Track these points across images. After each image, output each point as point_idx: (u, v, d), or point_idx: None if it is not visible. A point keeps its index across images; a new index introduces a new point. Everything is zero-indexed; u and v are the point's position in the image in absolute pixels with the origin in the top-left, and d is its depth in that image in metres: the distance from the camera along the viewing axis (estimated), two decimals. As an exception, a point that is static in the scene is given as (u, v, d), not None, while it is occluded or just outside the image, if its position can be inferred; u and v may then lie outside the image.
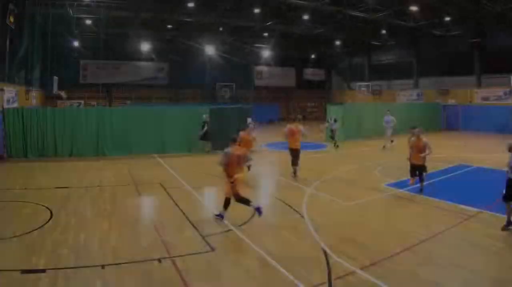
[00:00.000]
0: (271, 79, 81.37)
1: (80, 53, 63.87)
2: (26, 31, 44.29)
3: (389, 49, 70.03)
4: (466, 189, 21.56)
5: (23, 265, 11.51)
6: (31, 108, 33.00)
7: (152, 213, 17.43)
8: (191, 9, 49.39)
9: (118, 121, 33.10)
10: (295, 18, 53.96)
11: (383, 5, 47.66)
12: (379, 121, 44.35)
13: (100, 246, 13.19)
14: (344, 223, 15.48)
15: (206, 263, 11.95)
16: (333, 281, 10.70)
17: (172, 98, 72.42)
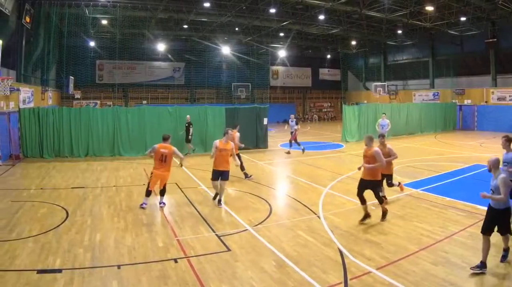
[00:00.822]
0: (287, 79, 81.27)
1: (96, 53, 64.06)
2: (42, 31, 44.44)
3: (405, 49, 69.84)
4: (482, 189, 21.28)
5: (40, 265, 11.56)
6: (47, 109, 32.94)
7: (168, 213, 17.23)
8: (207, 9, 49.38)
9: (134, 121, 33.17)
10: (311, 18, 53.74)
11: (399, 5, 47.36)
12: (395, 121, 44.50)
13: (116, 246, 13.21)
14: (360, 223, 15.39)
15: (222, 263, 11.90)
16: (349, 281, 10.68)
17: (188, 98, 72.72)
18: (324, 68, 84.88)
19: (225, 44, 67.32)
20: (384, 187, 17.41)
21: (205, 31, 62.58)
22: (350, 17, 55.47)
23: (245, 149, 32.20)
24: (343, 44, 74.78)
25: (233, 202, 19.21)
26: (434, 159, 30.86)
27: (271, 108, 39.50)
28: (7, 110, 30.28)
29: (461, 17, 49.85)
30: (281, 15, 52.58)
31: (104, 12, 49.59)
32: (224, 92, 73.91)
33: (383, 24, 58.76)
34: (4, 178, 24.25)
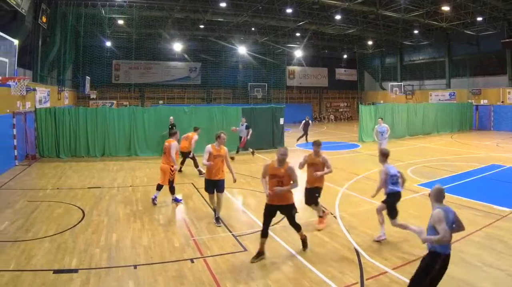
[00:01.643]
0: (303, 79, 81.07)
1: (112, 53, 64.32)
2: (58, 31, 44.54)
3: (422, 49, 69.63)
4: (498, 189, 21.24)
5: (56, 265, 11.62)
6: (63, 108, 33.12)
7: (184, 213, 17.33)
8: (223, 9, 49.48)
9: (150, 121, 33.23)
10: (327, 18, 53.68)
11: (415, 5, 47.19)
12: (411, 121, 44.37)
13: (133, 246, 13.27)
14: (376, 223, 15.03)
15: (239, 263, 11.96)
16: (366, 281, 10.72)
17: (204, 98, 72.84)
18: (340, 68, 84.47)
19: (242, 44, 67.40)
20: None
21: (222, 31, 62.66)
22: (366, 17, 55.38)
23: (261, 149, 32.33)
24: (360, 44, 74.66)
25: (249, 202, 19.38)
26: (451, 159, 30.75)
27: (287, 109, 39.35)
28: (24, 110, 30.36)
29: (478, 17, 49.53)
30: (297, 15, 52.54)
31: (121, 12, 49.78)
32: (241, 92, 73.63)
33: (400, 24, 58.55)
34: (20, 177, 24.35)
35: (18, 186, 22.08)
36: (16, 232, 14.38)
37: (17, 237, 13.85)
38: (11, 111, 27.63)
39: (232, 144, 30.06)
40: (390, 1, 46.55)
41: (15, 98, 28.00)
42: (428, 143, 40.56)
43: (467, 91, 60.66)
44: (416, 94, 69.62)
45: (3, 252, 12.55)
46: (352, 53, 79.46)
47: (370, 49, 75.34)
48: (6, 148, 26.87)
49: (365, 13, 53.09)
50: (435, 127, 50.29)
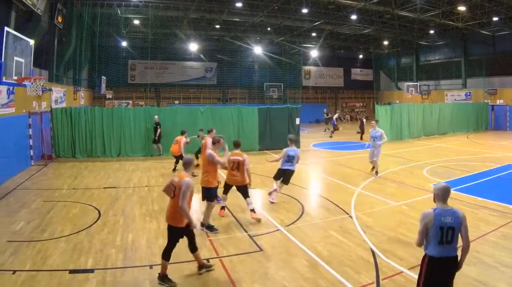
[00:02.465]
0: (319, 79, 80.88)
1: (128, 53, 64.60)
2: (74, 31, 44.80)
3: (437, 49, 69.19)
4: (514, 189, 21.20)
5: (72, 265, 11.68)
6: (79, 108, 33.27)
7: (200, 213, 17.07)
8: (239, 9, 49.49)
9: (166, 121, 33.14)
10: (343, 18, 53.49)
11: (431, 5, 46.97)
12: (427, 121, 44.28)
13: (148, 246, 13.35)
14: (392, 223, 15.40)
15: (254, 263, 11.96)
16: (381, 281, 10.68)
17: (220, 98, 72.95)
18: (356, 68, 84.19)
19: (257, 44, 67.34)
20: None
21: (237, 31, 62.77)
22: (382, 17, 55.15)
23: (277, 149, 32.26)
24: (375, 44, 74.45)
25: (265, 202, 19.32)
26: (467, 159, 30.61)
27: (303, 109, 39.34)
28: (39, 110, 30.51)
29: (494, 17, 49.17)
30: (313, 15, 52.42)
31: (136, 12, 49.92)
32: (256, 92, 73.62)
33: (415, 24, 58.26)
34: (36, 177, 24.48)
35: (34, 186, 22.19)
36: (32, 232, 14.45)
37: (33, 237, 13.91)
38: (27, 111, 27.76)
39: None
40: (406, 1, 46.34)
41: (31, 98, 28.14)
42: (444, 143, 40.44)
43: (483, 91, 60.34)
44: (432, 94, 69.23)
45: (19, 252, 12.63)
46: (368, 53, 79.20)
47: (385, 49, 75.04)
48: (22, 147, 27.02)
49: (381, 13, 52.86)
50: (451, 128, 50.07)
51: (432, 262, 7.95)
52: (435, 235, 7.88)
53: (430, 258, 7.95)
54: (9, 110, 24.31)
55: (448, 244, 7.84)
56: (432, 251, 7.94)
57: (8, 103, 24.07)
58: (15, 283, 10.54)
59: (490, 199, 18.47)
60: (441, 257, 7.88)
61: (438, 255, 7.85)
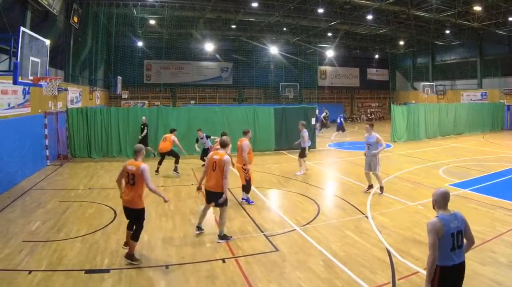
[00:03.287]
0: (335, 79, 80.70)
1: (144, 53, 65.05)
2: (90, 31, 45.14)
3: (453, 49, 68.95)
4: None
5: (87, 265, 11.74)
6: (95, 108, 33.39)
7: (216, 213, 16.66)
8: (255, 9, 49.39)
9: (181, 121, 33.05)
10: (359, 18, 53.41)
11: (447, 5, 46.81)
12: (443, 121, 44.16)
13: (164, 246, 13.38)
14: (407, 223, 15.35)
15: (270, 263, 11.95)
16: (397, 281, 10.67)
17: (236, 98, 72.99)
18: (372, 68, 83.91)
19: (273, 44, 67.49)
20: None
21: (253, 31, 62.79)
22: (398, 17, 55.09)
23: (293, 149, 32.32)
24: (391, 44, 74.23)
25: (281, 202, 19.41)
26: (482, 159, 30.41)
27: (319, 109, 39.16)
28: (55, 110, 30.63)
29: (509, 17, 48.71)
30: (329, 15, 52.33)
31: (152, 12, 50.14)
32: (272, 92, 73.64)
33: (431, 24, 58.06)
34: (52, 177, 24.57)
35: (50, 186, 22.28)
36: (47, 232, 14.52)
37: (48, 237, 13.98)
38: (43, 111, 27.94)
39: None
40: (421, 1, 46.19)
41: (46, 98, 28.33)
42: (459, 143, 40.27)
43: (498, 91, 60.12)
44: (447, 94, 69.00)
45: (35, 251, 12.68)
46: (384, 53, 78.99)
47: (401, 49, 74.86)
48: (38, 147, 27.11)
49: (397, 13, 52.77)
50: (466, 128, 49.77)
51: (445, 272, 7.60)
52: (447, 243, 7.55)
53: (443, 269, 7.58)
54: (25, 110, 24.47)
55: (459, 249, 7.63)
56: (444, 260, 7.57)
57: (24, 103, 24.18)
58: (31, 283, 10.59)
59: (506, 199, 18.31)
60: (454, 265, 7.60)
61: (451, 263, 7.55)
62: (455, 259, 7.54)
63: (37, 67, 18.36)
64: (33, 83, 18.18)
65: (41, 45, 18.98)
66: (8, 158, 21.15)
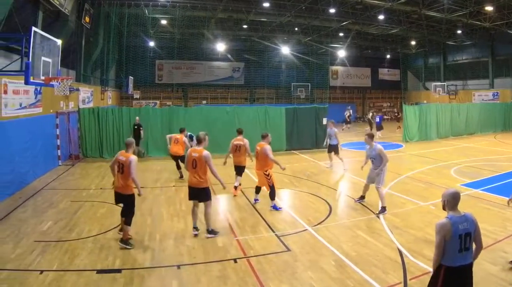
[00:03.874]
0: (346, 79, 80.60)
1: (155, 53, 65.19)
2: (102, 31, 45.30)
3: (465, 49, 68.68)
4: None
5: (99, 265, 11.78)
6: (107, 108, 33.47)
7: (228, 213, 17.40)
8: (266, 9, 49.43)
9: (192, 121, 32.81)
10: (370, 18, 53.35)
11: (458, 5, 46.66)
12: (455, 121, 44.25)
13: (176, 246, 13.37)
14: (419, 223, 15.36)
15: (282, 263, 11.94)
16: (409, 281, 10.66)
17: (247, 98, 73.11)
18: (383, 68, 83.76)
19: (285, 44, 67.36)
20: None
21: (265, 31, 62.80)
22: (409, 17, 54.99)
23: (304, 149, 32.64)
24: (403, 44, 74.13)
25: (292, 202, 19.43)
26: (494, 159, 30.29)
27: (330, 109, 39.11)
28: (67, 110, 30.76)
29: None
30: (340, 15, 52.28)
31: (164, 12, 50.32)
32: (284, 92, 73.77)
33: (443, 24, 57.86)
34: (63, 177, 24.66)
35: (62, 186, 22.37)
36: (59, 232, 14.58)
37: (60, 237, 14.05)
38: (55, 111, 28.04)
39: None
40: (433, 1, 46.09)
41: (58, 98, 28.49)
42: (471, 143, 40.16)
43: (510, 91, 59.91)
44: (459, 94, 68.75)
45: (46, 251, 12.73)
46: (395, 53, 78.85)
47: (413, 49, 74.75)
48: (50, 147, 27.21)
49: (408, 13, 52.67)
50: (478, 128, 49.52)
51: (450, 273, 7.57)
52: (454, 244, 7.46)
53: (448, 269, 7.56)
54: (37, 110, 24.59)
55: (466, 251, 7.53)
56: (450, 261, 7.54)
57: (35, 103, 24.28)
58: (42, 283, 10.62)
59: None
60: (460, 266, 7.53)
61: (457, 264, 7.50)
62: (462, 261, 7.51)
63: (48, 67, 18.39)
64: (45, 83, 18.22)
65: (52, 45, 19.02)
66: (19, 158, 21.22)
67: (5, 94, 20.14)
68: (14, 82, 20.75)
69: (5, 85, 20.12)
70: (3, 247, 12.96)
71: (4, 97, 20.02)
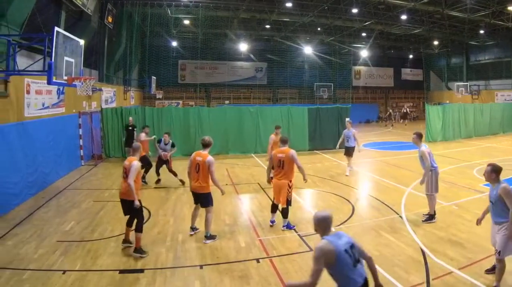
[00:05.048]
0: (369, 79, 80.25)
1: (178, 53, 65.22)
2: (124, 31, 45.54)
3: (488, 49, 67.94)
4: None
5: (122, 265, 11.89)
6: (129, 108, 33.73)
7: (250, 213, 17.43)
8: (289, 9, 49.33)
9: (215, 121, 33.19)
10: (393, 18, 53.17)
11: (481, 5, 46.28)
12: (478, 121, 44.34)
13: (199, 246, 13.42)
14: (442, 223, 15.29)
15: (304, 263, 11.87)
16: (432, 281, 10.61)
17: (270, 98, 72.97)
18: (406, 68, 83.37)
19: (307, 44, 67.08)
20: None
21: (287, 31, 62.58)
22: (432, 17, 54.57)
23: (326, 149, 32.80)
24: (425, 44, 73.58)
25: (315, 202, 19.45)
26: (517, 159, 30.05)
27: (353, 109, 39.00)
28: (90, 110, 30.96)
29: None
30: (363, 15, 52.12)
31: (186, 12, 50.28)
32: (306, 92, 73.21)
33: (465, 24, 57.31)
34: (86, 177, 24.81)
35: (84, 186, 22.52)
36: (82, 232, 14.71)
37: (83, 237, 14.17)
38: (77, 111, 28.27)
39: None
40: (455, 1, 45.76)
41: (81, 98, 28.63)
42: (494, 143, 39.94)
43: (533, 91, 59.10)
44: (482, 94, 68.24)
45: (69, 251, 12.85)
46: (418, 53, 78.17)
47: (436, 49, 74.24)
48: (72, 147, 27.39)
49: (431, 13, 52.24)
50: (501, 128, 49.37)
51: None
52: (346, 259, 6.80)
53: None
54: (59, 110, 24.77)
55: (360, 263, 7.04)
56: (354, 277, 6.89)
57: (58, 103, 24.42)
58: (65, 283, 10.72)
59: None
60: (365, 280, 7.03)
61: (360, 279, 6.92)
62: (362, 274, 7.03)
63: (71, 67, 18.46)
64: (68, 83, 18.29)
65: (75, 45, 19.09)
66: (42, 157, 21.35)
67: (28, 94, 20.26)
68: (37, 82, 20.87)
69: (28, 85, 20.23)
70: (26, 247, 13.08)
71: (27, 97, 20.15)
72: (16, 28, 20.28)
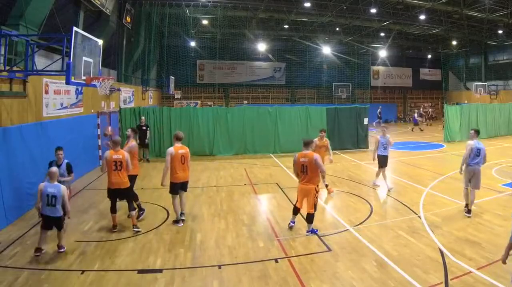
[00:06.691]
0: (388, 79, 79.94)
1: (196, 53, 65.41)
2: (143, 31, 45.84)
3: (506, 49, 67.31)
4: None
5: (140, 265, 11.95)
6: (148, 108, 33.69)
7: (269, 213, 17.46)
8: (307, 9, 49.11)
9: (234, 121, 33.26)
10: (411, 18, 52.85)
11: (500, 5, 45.99)
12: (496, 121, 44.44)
13: (217, 246, 13.46)
14: (460, 223, 15.25)
15: (323, 263, 12.01)
16: (450, 281, 10.61)
17: (289, 98, 73.03)
18: (424, 68, 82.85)
19: (326, 44, 67.02)
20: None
21: (306, 31, 62.50)
22: (450, 17, 54.26)
23: (345, 149, 32.87)
24: (444, 44, 73.10)
25: (334, 202, 19.36)
26: (536, 159, 29.66)
27: (372, 109, 38.98)
28: (108, 110, 30.99)
29: None
30: (381, 15, 51.95)
31: (205, 12, 50.48)
32: (325, 92, 72.83)
33: (484, 24, 56.98)
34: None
35: (103, 186, 21.98)
36: (100, 232, 14.83)
37: (101, 237, 14.28)
38: (96, 111, 28.29)
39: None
40: (474, 1, 45.48)
41: (99, 98, 28.69)
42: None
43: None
44: (500, 95, 67.77)
45: (87, 251, 12.97)
46: (436, 53, 77.99)
47: (454, 49, 73.85)
48: (91, 147, 27.45)
49: (449, 13, 51.89)
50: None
51: None
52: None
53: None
54: (78, 110, 24.85)
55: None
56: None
57: (76, 103, 24.50)
58: (83, 283, 10.82)
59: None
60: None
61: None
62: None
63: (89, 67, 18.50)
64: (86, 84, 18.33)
65: (93, 45, 19.13)
66: (61, 158, 21.42)
67: (47, 94, 20.34)
68: (55, 82, 20.94)
69: (47, 85, 20.32)
70: (45, 247, 13.09)
71: (46, 97, 20.23)
72: (34, 28, 20.37)
